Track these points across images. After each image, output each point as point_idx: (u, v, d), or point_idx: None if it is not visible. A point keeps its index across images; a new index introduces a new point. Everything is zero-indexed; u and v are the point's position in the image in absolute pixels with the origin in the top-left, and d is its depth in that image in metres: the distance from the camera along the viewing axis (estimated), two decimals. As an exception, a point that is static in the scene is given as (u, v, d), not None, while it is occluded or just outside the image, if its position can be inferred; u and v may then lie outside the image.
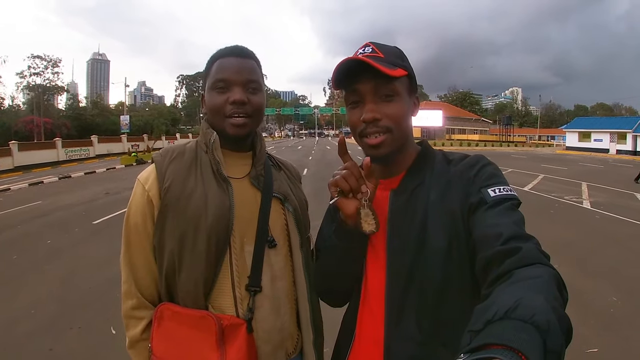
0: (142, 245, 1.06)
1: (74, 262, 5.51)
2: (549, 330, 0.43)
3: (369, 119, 0.88)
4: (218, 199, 1.03)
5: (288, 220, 1.15)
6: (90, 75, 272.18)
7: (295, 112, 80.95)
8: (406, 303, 0.88)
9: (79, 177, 17.11)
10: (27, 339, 3.40)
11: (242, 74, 1.07)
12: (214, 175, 1.07)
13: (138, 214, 1.06)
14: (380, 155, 0.91)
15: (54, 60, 41.11)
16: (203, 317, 0.99)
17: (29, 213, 9.16)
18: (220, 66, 1.08)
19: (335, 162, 22.17)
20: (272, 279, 1.09)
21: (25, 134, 35.76)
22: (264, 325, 1.06)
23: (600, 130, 38.92)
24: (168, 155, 1.10)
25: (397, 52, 0.94)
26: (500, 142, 54.32)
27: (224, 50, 1.11)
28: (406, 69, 0.91)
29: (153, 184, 1.05)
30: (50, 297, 4.29)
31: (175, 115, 57.05)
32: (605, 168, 21.33)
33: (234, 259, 1.05)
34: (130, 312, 1.07)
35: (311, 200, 1.34)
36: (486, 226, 0.76)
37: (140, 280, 1.07)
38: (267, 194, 1.11)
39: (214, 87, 1.07)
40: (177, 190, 1.03)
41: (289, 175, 1.26)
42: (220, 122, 1.07)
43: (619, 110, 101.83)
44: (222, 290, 1.04)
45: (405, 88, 0.92)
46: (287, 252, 1.15)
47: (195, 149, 1.12)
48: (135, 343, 1.07)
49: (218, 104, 1.06)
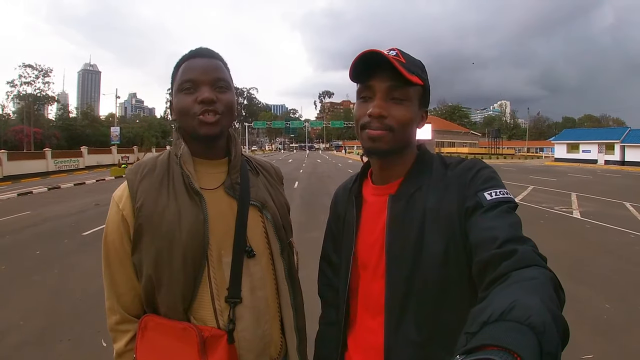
0: (121, 262, 1.05)
1: (63, 273, 5.41)
2: (545, 332, 0.43)
3: (375, 114, 0.90)
4: (191, 214, 1.01)
5: (267, 228, 1.12)
6: (81, 85, 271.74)
7: (285, 125, 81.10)
8: (406, 308, 0.88)
9: (68, 188, 16.90)
10: (15, 351, 3.32)
11: (209, 73, 1.04)
12: (186, 189, 1.04)
13: (114, 232, 1.04)
14: (377, 150, 0.93)
15: (45, 69, 40.97)
16: (185, 328, 0.99)
17: (18, 223, 9.00)
18: (186, 68, 1.05)
19: (326, 176, 22.25)
20: (252, 289, 1.07)
21: (14, 143, 35.43)
22: (245, 335, 1.05)
23: (588, 141, 39.59)
24: (139, 172, 1.07)
25: (419, 63, 0.95)
26: (489, 155, 54.99)
27: (188, 53, 1.08)
28: (423, 80, 0.92)
29: (126, 203, 1.03)
30: (40, 309, 4.20)
31: (165, 127, 56.72)
32: (594, 178, 21.62)
33: (212, 272, 1.03)
34: (115, 327, 1.07)
35: (301, 212, 1.34)
36: (482, 229, 0.76)
37: (123, 297, 1.06)
38: (244, 202, 1.09)
39: (180, 89, 1.03)
40: (150, 209, 1.01)
41: (269, 178, 1.23)
42: (190, 123, 1.03)
43: (607, 122, 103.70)
44: (202, 303, 1.02)
45: (417, 97, 0.93)
46: (267, 260, 1.13)
47: (168, 162, 1.08)
48: (122, 354, 1.07)
49: (186, 105, 1.02)
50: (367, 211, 1.02)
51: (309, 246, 2.23)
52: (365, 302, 1.00)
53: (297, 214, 4.18)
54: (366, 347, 0.98)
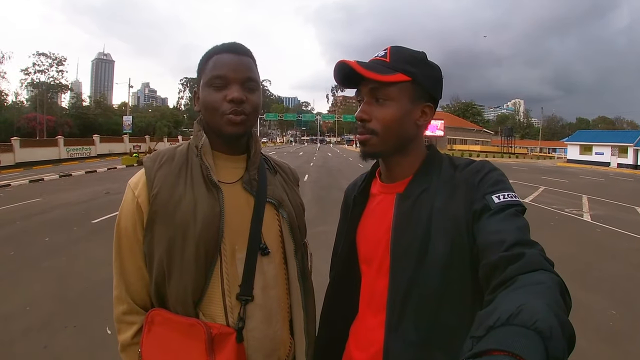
0: (132, 250, 1.04)
1: (71, 260, 5.49)
2: (552, 337, 0.43)
3: (357, 118, 0.95)
4: (207, 206, 1.00)
5: (282, 227, 1.11)
6: (95, 74, 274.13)
7: (297, 118, 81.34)
8: (407, 307, 0.87)
9: (79, 175, 17.13)
10: (21, 336, 3.38)
11: (241, 72, 1.02)
12: (204, 180, 1.03)
13: (128, 219, 1.03)
14: (366, 153, 0.97)
15: (59, 58, 41.40)
16: (192, 324, 0.97)
17: (28, 210, 9.15)
18: (217, 62, 1.03)
19: (336, 170, 22.23)
20: (264, 287, 1.05)
21: (27, 130, 35.96)
22: (255, 334, 1.03)
23: (601, 143, 39.06)
24: (158, 160, 1.06)
25: (410, 57, 0.93)
26: (501, 154, 54.49)
27: (220, 46, 1.06)
28: (411, 75, 0.91)
29: (142, 190, 1.02)
30: (47, 295, 4.27)
31: (178, 117, 57.31)
32: (606, 181, 21.35)
33: (224, 267, 1.01)
34: (122, 317, 1.06)
35: (312, 206, 1.33)
36: (490, 232, 0.76)
37: (132, 286, 1.05)
38: (261, 199, 1.08)
39: (210, 83, 1.02)
40: (166, 197, 1.00)
41: (285, 179, 1.22)
42: (216, 121, 1.02)
43: (621, 124, 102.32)
44: (212, 299, 1.01)
45: (405, 94, 0.92)
46: (281, 260, 1.11)
47: (187, 153, 1.08)
48: (127, 347, 1.05)
49: (215, 101, 1.01)
50: (373, 208, 1.02)
51: (317, 240, 2.26)
52: (369, 299, 1.00)
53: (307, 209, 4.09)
54: (366, 344, 0.98)
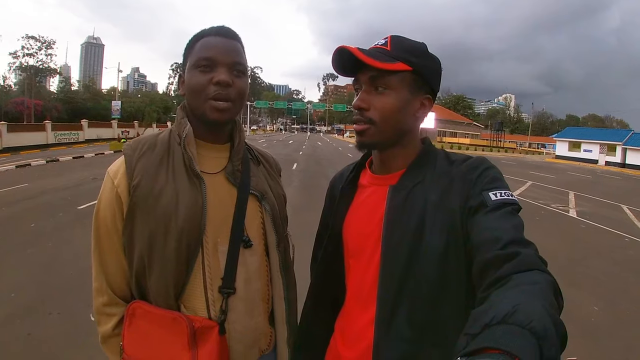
0: (111, 240, 1.01)
1: (57, 246, 5.43)
2: (546, 337, 0.43)
3: (355, 106, 0.92)
4: (189, 198, 0.97)
5: (265, 219, 1.10)
6: (84, 58, 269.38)
7: (288, 106, 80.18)
8: (399, 302, 0.86)
9: (67, 161, 16.85)
10: (5, 322, 3.35)
11: (229, 55, 1.00)
12: (186, 170, 1.00)
13: (107, 209, 1.01)
14: (363, 143, 0.95)
15: (48, 41, 40.37)
16: (174, 318, 0.96)
17: (14, 195, 8.99)
18: (205, 45, 1.00)
19: (325, 160, 22.20)
20: (246, 280, 1.04)
21: (15, 115, 35.16)
22: (236, 326, 1.02)
23: (590, 141, 39.46)
24: (138, 149, 1.03)
25: (411, 47, 0.92)
26: (490, 147, 54.83)
27: (208, 29, 1.04)
28: (411, 65, 0.89)
29: (122, 179, 1.00)
30: (31, 281, 4.22)
31: (167, 103, 56.42)
32: (594, 178, 21.64)
33: (207, 260, 1.00)
34: (102, 309, 1.04)
35: (299, 194, 1.33)
36: (485, 229, 0.76)
37: (111, 277, 1.03)
38: (244, 191, 1.06)
39: (196, 65, 0.99)
40: (147, 188, 0.97)
41: (269, 169, 1.20)
42: (200, 105, 0.99)
43: (610, 122, 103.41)
44: (193, 292, 0.99)
45: (405, 84, 0.90)
46: (263, 252, 1.10)
47: (169, 141, 1.04)
48: (108, 339, 1.04)
49: (200, 83, 0.98)
50: (363, 200, 1.00)
51: (303, 228, 2.26)
52: (357, 293, 0.98)
53: (294, 197, 4.08)
54: (354, 340, 0.96)
